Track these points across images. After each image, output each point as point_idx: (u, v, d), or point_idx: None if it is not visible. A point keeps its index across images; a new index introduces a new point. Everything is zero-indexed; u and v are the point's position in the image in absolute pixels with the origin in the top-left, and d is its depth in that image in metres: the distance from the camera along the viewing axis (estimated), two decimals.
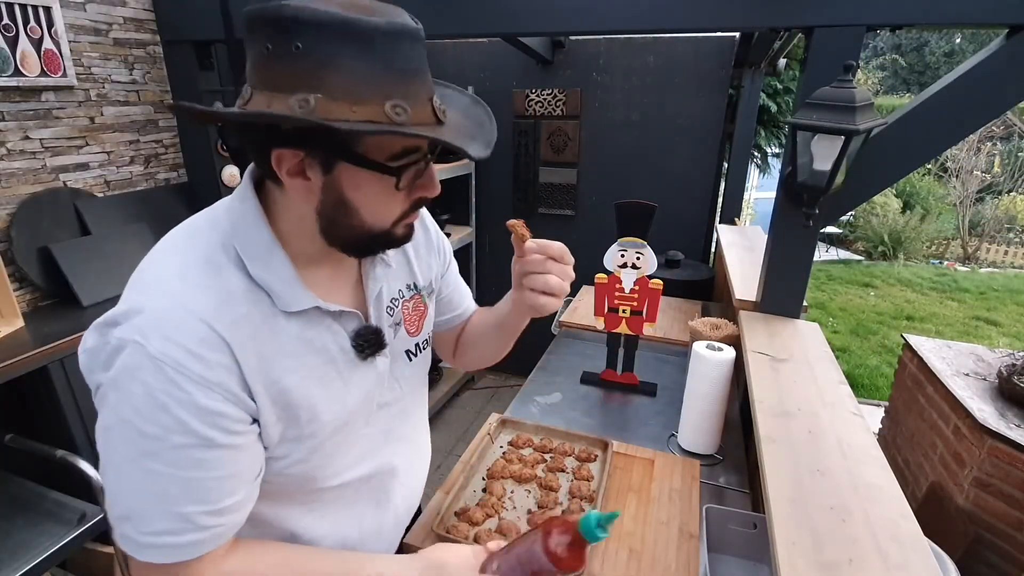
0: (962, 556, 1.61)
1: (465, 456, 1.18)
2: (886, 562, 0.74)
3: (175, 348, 0.54)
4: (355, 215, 0.60)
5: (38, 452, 1.41)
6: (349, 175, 0.57)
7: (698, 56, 2.78)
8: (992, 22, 1.16)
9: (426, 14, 1.69)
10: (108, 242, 1.78)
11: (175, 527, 0.57)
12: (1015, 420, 1.65)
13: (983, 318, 5.48)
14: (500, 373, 3.75)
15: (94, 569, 1.50)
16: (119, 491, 0.58)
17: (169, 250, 0.62)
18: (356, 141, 0.56)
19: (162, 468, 0.55)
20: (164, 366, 0.53)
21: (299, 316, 0.63)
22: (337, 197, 0.59)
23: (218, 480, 0.58)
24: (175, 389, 0.54)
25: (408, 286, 0.80)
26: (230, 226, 0.61)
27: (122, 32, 1.84)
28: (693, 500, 1.08)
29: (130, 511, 0.57)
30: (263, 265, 0.61)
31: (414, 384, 0.83)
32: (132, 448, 0.55)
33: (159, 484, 0.56)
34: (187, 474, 0.56)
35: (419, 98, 0.55)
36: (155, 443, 0.54)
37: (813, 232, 1.37)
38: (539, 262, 0.72)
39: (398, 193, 0.60)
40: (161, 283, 0.57)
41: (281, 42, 0.51)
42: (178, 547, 0.58)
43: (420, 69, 0.56)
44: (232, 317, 0.57)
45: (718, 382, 1.22)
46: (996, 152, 8.92)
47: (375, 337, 0.71)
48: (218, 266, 0.59)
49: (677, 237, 2.94)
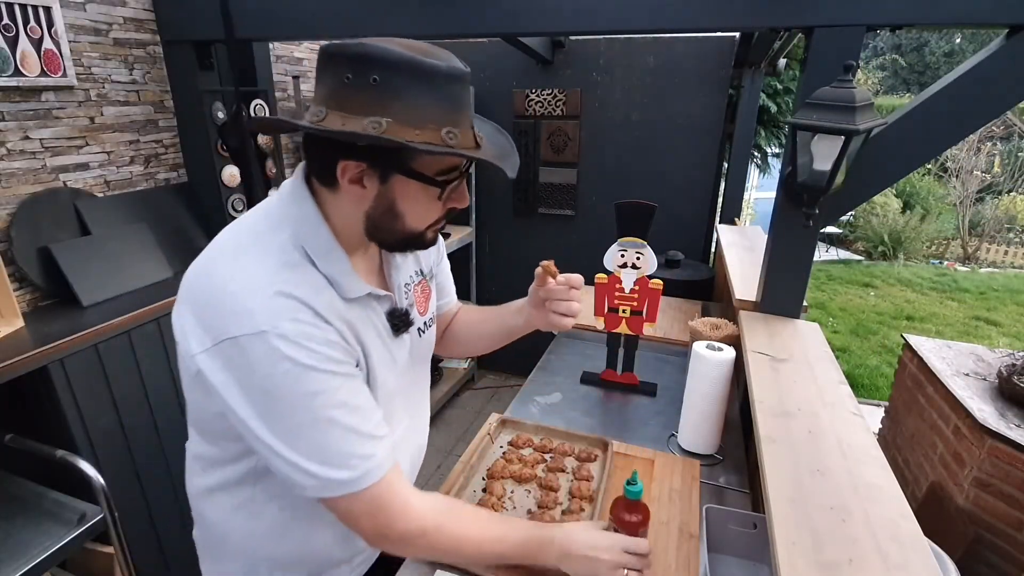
0: (962, 556, 1.61)
1: (465, 456, 1.18)
2: (886, 562, 0.74)
3: (300, 325, 0.64)
4: (400, 220, 0.71)
5: (38, 452, 1.41)
6: (402, 186, 0.69)
7: (698, 56, 2.78)
8: (992, 22, 1.16)
9: (426, 14, 1.69)
10: (108, 242, 1.77)
11: (365, 451, 0.68)
12: (1015, 420, 1.65)
13: (983, 318, 5.48)
14: (500, 373, 3.75)
15: (94, 569, 1.50)
16: (298, 438, 0.66)
17: (249, 245, 0.70)
18: (412, 158, 0.67)
19: (335, 412, 0.66)
20: (301, 339, 0.64)
21: (355, 301, 0.75)
22: (388, 204, 0.70)
23: (368, 400, 0.72)
24: (313, 353, 0.64)
25: (416, 271, 0.93)
26: (295, 228, 0.71)
27: (122, 32, 1.84)
28: (693, 500, 1.08)
29: (315, 450, 0.66)
30: (327, 260, 0.71)
31: (422, 357, 0.97)
32: (307, 411, 0.65)
33: (327, 417, 0.66)
34: (354, 401, 0.69)
35: (464, 127, 0.67)
36: (322, 396, 0.65)
37: (813, 232, 1.37)
38: (564, 291, 0.90)
39: (437, 203, 0.72)
40: (256, 285, 0.65)
41: (361, 73, 0.62)
42: (375, 462, 0.69)
43: (467, 104, 0.68)
44: (323, 301, 0.68)
45: (718, 382, 1.22)
46: (996, 152, 8.92)
47: (405, 316, 0.84)
48: (295, 264, 0.69)
49: (677, 237, 2.94)
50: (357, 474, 0.67)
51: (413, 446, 0.97)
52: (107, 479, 1.40)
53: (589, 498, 1.06)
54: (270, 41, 2.28)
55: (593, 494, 1.06)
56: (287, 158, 2.57)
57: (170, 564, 1.81)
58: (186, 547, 1.95)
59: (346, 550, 0.89)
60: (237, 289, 0.65)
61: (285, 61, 2.51)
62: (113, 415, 1.59)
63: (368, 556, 0.96)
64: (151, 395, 1.70)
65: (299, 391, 0.64)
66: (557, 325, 0.91)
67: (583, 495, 1.06)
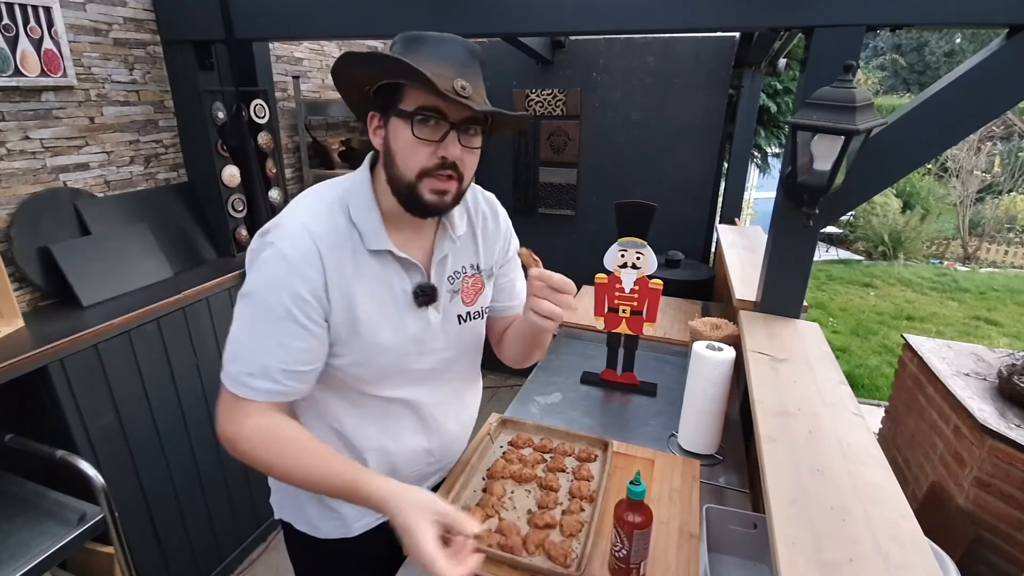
0: (962, 556, 1.61)
1: (465, 456, 1.18)
2: (886, 562, 0.74)
3: (293, 250, 0.79)
4: (393, 163, 0.81)
5: (38, 452, 1.41)
6: (393, 127, 0.81)
7: (698, 56, 2.78)
8: (992, 22, 1.16)
9: (427, 14, 1.69)
10: (108, 242, 1.77)
11: (257, 371, 0.80)
12: (1015, 420, 1.65)
13: (983, 318, 5.48)
14: (500, 373, 3.75)
15: (94, 569, 1.50)
16: (235, 338, 0.82)
17: (315, 193, 0.88)
18: (401, 99, 0.79)
19: (265, 328, 0.80)
20: (284, 260, 0.79)
21: (377, 256, 0.86)
22: (388, 147, 0.82)
23: (295, 350, 0.81)
24: (284, 277, 0.79)
25: (472, 265, 0.99)
26: (348, 187, 0.87)
27: (122, 32, 1.84)
28: (693, 500, 1.07)
29: (236, 353, 0.81)
30: (362, 214, 0.85)
31: (462, 344, 1.01)
32: (251, 310, 0.81)
33: (259, 338, 0.81)
34: (277, 337, 0.80)
35: (446, 77, 0.75)
36: (266, 310, 0.80)
37: (813, 232, 1.37)
38: (540, 288, 0.85)
39: (418, 144, 0.79)
40: (299, 210, 0.84)
41: (392, 47, 0.81)
42: (253, 388, 0.80)
43: (454, 61, 0.78)
44: (332, 242, 0.82)
45: (718, 382, 1.22)
46: (996, 152, 8.92)
47: (431, 291, 0.91)
48: (332, 210, 0.85)
49: (677, 237, 2.94)
50: (231, 381, 0.81)
51: (442, 429, 1.02)
52: (107, 479, 1.40)
53: (589, 498, 1.06)
54: (270, 41, 2.28)
55: (593, 494, 1.06)
56: (287, 158, 2.58)
57: (170, 564, 1.81)
58: (186, 547, 1.95)
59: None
60: (293, 205, 0.86)
61: (285, 61, 2.52)
62: (113, 415, 1.59)
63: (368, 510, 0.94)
64: (151, 395, 1.70)
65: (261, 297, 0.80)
66: (535, 324, 0.86)
67: (583, 495, 1.06)
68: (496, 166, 3.31)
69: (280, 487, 1.04)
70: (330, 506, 1.00)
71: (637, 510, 0.86)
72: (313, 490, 0.86)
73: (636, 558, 0.87)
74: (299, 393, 0.85)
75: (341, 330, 0.85)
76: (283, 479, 0.85)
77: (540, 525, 0.99)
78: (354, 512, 1.00)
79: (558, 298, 0.85)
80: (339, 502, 0.98)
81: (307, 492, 0.98)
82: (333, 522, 1.01)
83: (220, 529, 2.01)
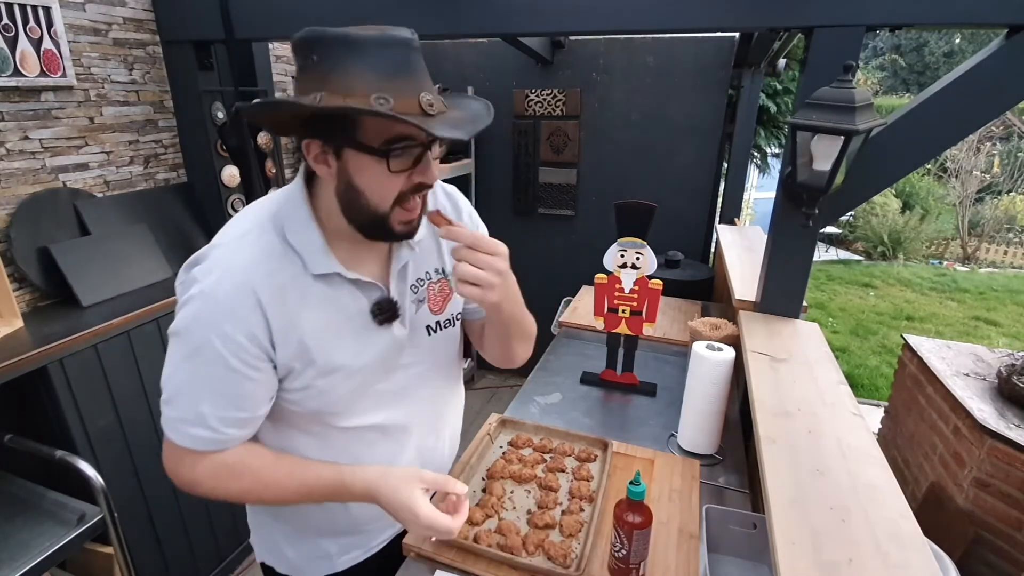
0: (962, 556, 1.61)
1: (465, 456, 1.18)
2: (886, 562, 0.74)
3: (218, 288, 0.70)
4: (361, 196, 0.72)
5: (38, 452, 1.41)
6: (354, 160, 0.70)
7: (698, 56, 2.78)
8: (992, 22, 1.16)
9: (426, 14, 1.69)
10: (108, 242, 1.77)
11: (192, 419, 0.73)
12: (1015, 420, 1.65)
13: (983, 318, 5.48)
14: (500, 373, 3.75)
15: (94, 569, 1.50)
16: (167, 380, 0.75)
17: (243, 215, 0.79)
18: (357, 129, 0.67)
19: (194, 372, 0.73)
20: (208, 299, 0.70)
21: (324, 279, 0.77)
22: (347, 180, 0.71)
23: (230, 396, 0.74)
24: (212, 317, 0.71)
25: (436, 270, 0.91)
26: (282, 203, 0.77)
27: (122, 32, 1.84)
28: (693, 500, 1.08)
29: (169, 397, 0.74)
30: (299, 234, 0.75)
31: (434, 356, 0.93)
32: (180, 351, 0.73)
33: (189, 383, 0.73)
34: (209, 383, 0.73)
35: (405, 93, 0.65)
36: (193, 353, 0.72)
37: (813, 232, 1.37)
38: (456, 250, 0.73)
39: (394, 176, 0.70)
40: (226, 239, 0.75)
41: (305, 56, 0.66)
42: (190, 436, 0.74)
43: (408, 71, 0.66)
44: (266, 271, 0.73)
45: (718, 382, 1.22)
46: (996, 152, 8.92)
47: (390, 306, 0.82)
48: (265, 231, 0.75)
49: (677, 237, 2.94)
50: (169, 428, 0.75)
51: (423, 450, 0.96)
52: (107, 479, 1.40)
53: (589, 498, 1.06)
54: (270, 41, 2.28)
55: (593, 494, 1.06)
56: (287, 158, 2.57)
57: (170, 564, 1.81)
58: (186, 547, 1.95)
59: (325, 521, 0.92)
60: (222, 233, 0.77)
61: (285, 61, 2.51)
62: (113, 415, 1.58)
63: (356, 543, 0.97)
64: (151, 395, 1.69)
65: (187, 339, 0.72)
66: (458, 292, 0.74)
67: (583, 495, 1.06)
68: (496, 166, 3.31)
69: (257, 528, 0.99)
70: (313, 542, 0.95)
71: (637, 510, 0.86)
72: (297, 503, 0.82)
73: (636, 558, 0.87)
74: (243, 439, 0.78)
75: (293, 363, 0.76)
76: (261, 503, 0.83)
77: (540, 525, 0.99)
78: (338, 547, 0.96)
79: (478, 258, 0.71)
80: (321, 538, 0.94)
81: (283, 533, 0.94)
82: (317, 562, 0.96)
83: (220, 529, 2.01)
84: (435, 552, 0.94)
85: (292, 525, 0.94)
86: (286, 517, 0.93)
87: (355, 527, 0.95)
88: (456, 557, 0.93)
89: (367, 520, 0.95)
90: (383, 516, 0.88)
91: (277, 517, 0.94)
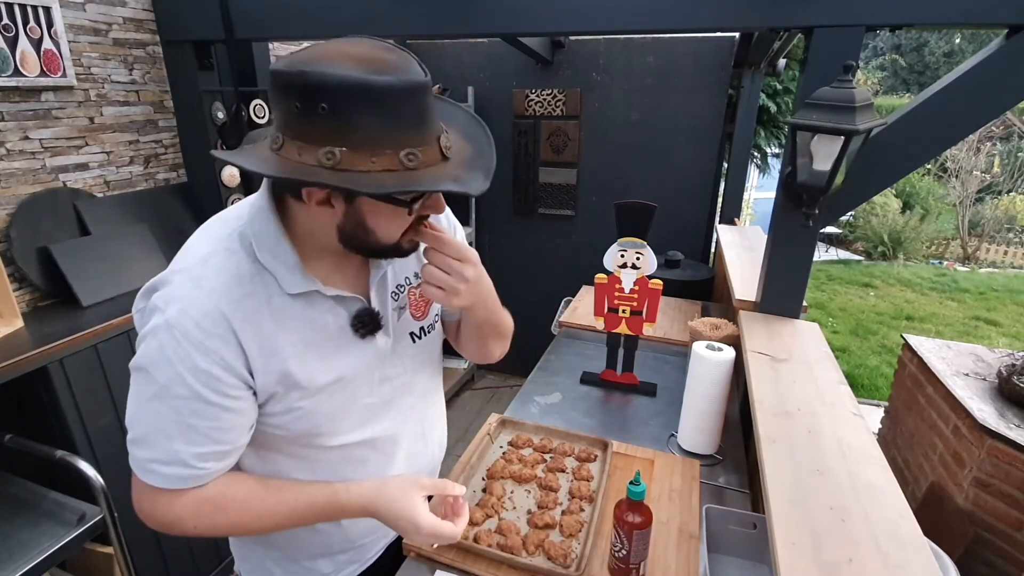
0: (962, 556, 1.61)
1: (465, 456, 1.18)
2: (886, 562, 0.74)
3: (185, 318, 0.65)
4: (372, 235, 0.69)
5: (38, 452, 1.41)
6: (369, 205, 0.66)
7: (698, 56, 2.78)
8: (992, 22, 1.16)
9: (426, 14, 1.69)
10: (108, 242, 1.77)
11: (165, 459, 0.69)
12: (1015, 420, 1.65)
13: (983, 318, 5.48)
14: (500, 373, 3.75)
15: (94, 569, 1.50)
16: (133, 420, 0.70)
17: (204, 234, 0.74)
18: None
19: (164, 410, 0.67)
20: (174, 331, 0.65)
21: (301, 297, 0.73)
22: (358, 221, 0.67)
23: (206, 430, 0.68)
24: (180, 350, 0.65)
25: (416, 274, 0.88)
26: (249, 219, 0.72)
27: (122, 32, 1.84)
28: (693, 500, 1.08)
29: (137, 437, 0.70)
30: (270, 253, 0.70)
31: (419, 363, 0.90)
32: (146, 389, 0.67)
33: (160, 422, 0.68)
34: (182, 419, 0.67)
35: (428, 141, 0.63)
36: (162, 390, 0.66)
37: (813, 232, 1.37)
38: (426, 250, 0.74)
39: (408, 216, 0.68)
40: (188, 262, 0.70)
41: (308, 102, 0.58)
42: (165, 476, 0.69)
43: (428, 117, 0.63)
44: (237, 295, 0.68)
45: (718, 382, 1.22)
46: (996, 152, 8.92)
47: (371, 318, 0.79)
48: (232, 252, 0.70)
49: (677, 237, 2.94)
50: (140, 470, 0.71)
51: (413, 456, 0.93)
52: (107, 479, 1.40)
53: (589, 498, 1.06)
54: (270, 41, 2.28)
55: (593, 494, 1.06)
56: None
57: (169, 564, 1.81)
58: (185, 547, 1.95)
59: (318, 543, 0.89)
60: (181, 255, 0.72)
61: None
62: (113, 415, 1.58)
63: (352, 558, 0.94)
64: None
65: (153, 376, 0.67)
66: (422, 292, 0.76)
67: (583, 495, 1.06)
68: (496, 166, 3.31)
69: (246, 556, 0.94)
70: (307, 565, 0.90)
71: (637, 510, 0.86)
72: (291, 529, 0.78)
73: (636, 558, 0.87)
74: (223, 471, 0.73)
75: (275, 388, 0.72)
76: (250, 534, 0.79)
77: (540, 525, 0.99)
78: (333, 566, 0.92)
79: (445, 262, 0.72)
80: (316, 559, 0.90)
81: (274, 559, 0.90)
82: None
83: None
84: (435, 552, 0.94)
85: (283, 551, 0.90)
86: (276, 543, 0.89)
87: (350, 544, 0.92)
88: (456, 557, 0.94)
89: (361, 535, 0.92)
90: (378, 528, 0.87)
91: (268, 545, 0.90)
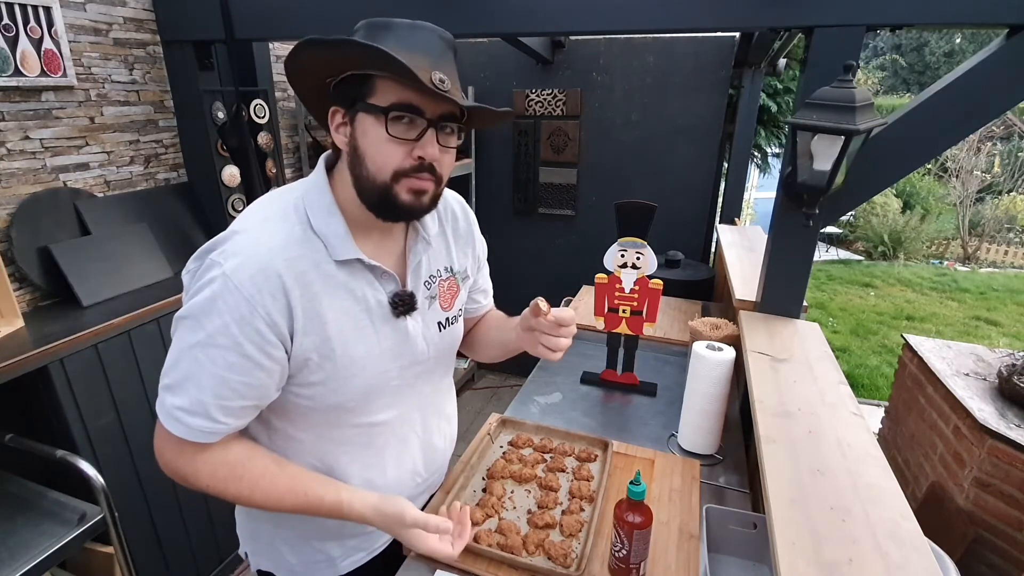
0: (962, 556, 1.61)
1: (465, 456, 1.18)
2: (886, 562, 0.74)
3: (242, 271, 0.70)
4: (363, 163, 0.74)
5: (38, 452, 1.41)
6: (361, 123, 0.74)
7: (698, 56, 2.78)
8: (992, 22, 1.16)
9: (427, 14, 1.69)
10: (108, 242, 1.77)
11: (191, 408, 0.72)
12: (1015, 420, 1.65)
13: (983, 318, 5.48)
14: (500, 373, 3.76)
15: (94, 569, 1.50)
16: (172, 366, 0.73)
17: (259, 204, 0.80)
18: (372, 91, 0.72)
19: (203, 358, 0.71)
20: (229, 281, 0.70)
21: (346, 266, 0.78)
22: (355, 146, 0.75)
23: (237, 384, 0.72)
24: (231, 299, 0.70)
25: (446, 268, 0.96)
26: (304, 191, 0.80)
27: (122, 32, 1.84)
28: (693, 500, 1.08)
29: (173, 383, 0.73)
30: (323, 221, 0.77)
31: (441, 351, 0.96)
32: (190, 336, 0.71)
33: (196, 368, 0.71)
34: (217, 370, 0.71)
35: (424, 70, 0.69)
36: (207, 338, 0.70)
37: (813, 232, 1.37)
38: (551, 327, 0.88)
39: (392, 144, 0.73)
40: (247, 224, 0.75)
41: (356, 32, 0.74)
42: (187, 426, 0.72)
43: (428, 51, 0.72)
44: (292, 255, 0.74)
45: (718, 382, 1.22)
46: (996, 152, 8.92)
47: (409, 299, 0.86)
48: (288, 219, 0.77)
49: (677, 237, 2.94)
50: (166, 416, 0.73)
51: (425, 444, 0.97)
52: (107, 479, 1.40)
53: (589, 498, 1.06)
54: (270, 41, 2.28)
55: (593, 494, 1.06)
56: (287, 158, 2.57)
57: (170, 564, 1.81)
58: (186, 547, 1.95)
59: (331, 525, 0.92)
60: (242, 217, 0.77)
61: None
62: (113, 415, 1.59)
63: (360, 545, 0.97)
64: (151, 395, 1.69)
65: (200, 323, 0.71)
66: (543, 356, 0.93)
67: (583, 495, 1.06)
68: (496, 166, 3.31)
69: (254, 535, 0.97)
70: (316, 547, 0.94)
71: (637, 510, 0.86)
72: (293, 513, 0.83)
73: (636, 558, 0.87)
74: (237, 428, 0.77)
75: (311, 354, 0.76)
76: (256, 507, 0.82)
77: (540, 525, 0.99)
78: (342, 550, 0.95)
79: (569, 331, 0.90)
80: (325, 542, 0.94)
81: (284, 538, 0.94)
82: (320, 566, 0.95)
83: (220, 529, 2.01)
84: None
85: (295, 530, 0.93)
86: (288, 523, 0.92)
87: (360, 528, 0.95)
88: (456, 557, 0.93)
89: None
90: None
91: (278, 524, 0.93)
